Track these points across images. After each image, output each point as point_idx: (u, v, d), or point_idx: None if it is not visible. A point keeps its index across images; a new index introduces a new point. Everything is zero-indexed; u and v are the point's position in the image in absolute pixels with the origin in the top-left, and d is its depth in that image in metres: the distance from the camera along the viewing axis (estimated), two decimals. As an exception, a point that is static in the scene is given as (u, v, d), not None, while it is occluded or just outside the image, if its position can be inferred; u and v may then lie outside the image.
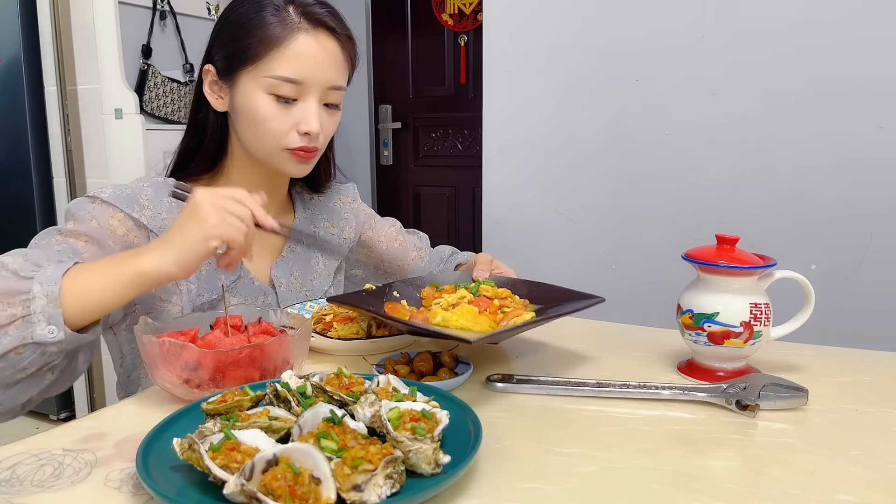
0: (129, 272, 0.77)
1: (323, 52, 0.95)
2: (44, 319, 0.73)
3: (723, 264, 0.81)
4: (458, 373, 0.80)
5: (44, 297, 0.73)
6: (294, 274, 1.08)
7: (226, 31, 0.98)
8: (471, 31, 3.26)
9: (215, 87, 0.99)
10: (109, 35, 2.25)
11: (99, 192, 0.92)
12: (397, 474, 0.53)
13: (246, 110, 0.95)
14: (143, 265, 0.77)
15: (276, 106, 0.94)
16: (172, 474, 0.56)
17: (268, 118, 0.94)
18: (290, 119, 0.95)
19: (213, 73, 0.98)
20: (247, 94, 0.94)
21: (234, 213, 0.79)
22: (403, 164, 3.58)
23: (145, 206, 0.93)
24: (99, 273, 0.78)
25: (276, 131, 0.95)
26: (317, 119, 0.95)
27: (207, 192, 0.79)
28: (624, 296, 1.63)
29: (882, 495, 0.57)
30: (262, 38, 0.93)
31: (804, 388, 0.74)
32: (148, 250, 0.79)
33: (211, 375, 0.73)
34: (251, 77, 0.94)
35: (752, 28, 1.44)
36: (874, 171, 1.36)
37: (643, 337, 1.01)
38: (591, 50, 1.61)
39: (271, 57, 0.93)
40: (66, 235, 0.88)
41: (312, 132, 0.95)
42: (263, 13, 0.94)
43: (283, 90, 0.93)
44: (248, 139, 0.98)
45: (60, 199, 2.40)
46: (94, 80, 2.31)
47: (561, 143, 1.67)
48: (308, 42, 0.93)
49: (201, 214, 0.77)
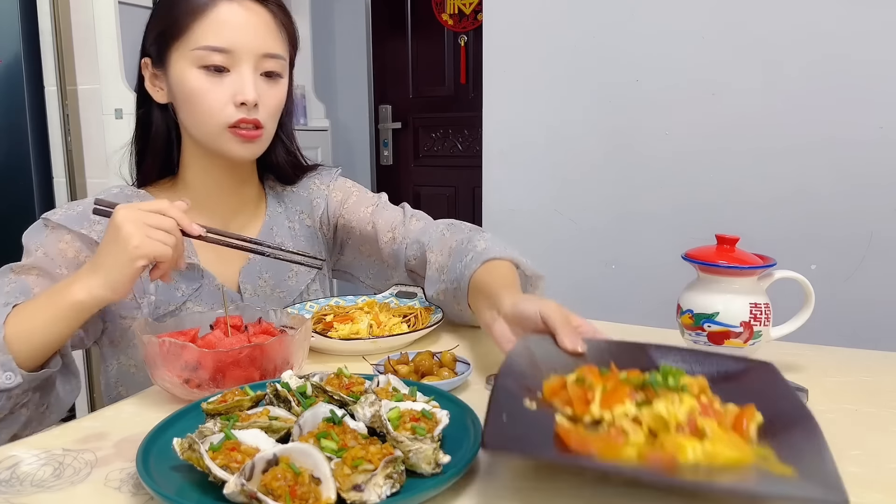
0: (65, 305, 0.78)
1: (250, 18, 0.92)
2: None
3: (723, 264, 0.81)
4: (459, 373, 0.80)
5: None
6: (263, 276, 1.04)
7: (154, 16, 0.97)
8: (471, 31, 3.26)
9: (155, 80, 0.97)
10: (109, 35, 2.25)
11: (50, 215, 0.93)
12: (397, 474, 0.53)
13: (180, 90, 0.93)
14: (76, 295, 0.78)
15: (207, 79, 0.91)
16: (172, 474, 0.56)
17: (201, 93, 0.91)
18: (225, 91, 0.91)
19: (149, 66, 0.97)
20: (178, 73, 0.92)
21: (156, 226, 0.78)
22: (403, 164, 3.58)
23: (96, 222, 0.92)
24: (38, 312, 0.79)
25: (211, 106, 0.91)
26: (252, 87, 0.91)
27: (127, 210, 0.78)
28: (624, 296, 1.63)
29: (882, 495, 0.56)
30: (186, 10, 0.91)
31: (804, 388, 0.75)
32: (78, 278, 0.79)
33: (211, 375, 0.73)
34: (180, 54, 0.92)
35: (752, 28, 1.44)
36: (874, 171, 1.36)
37: (643, 337, 1.01)
38: (592, 50, 1.61)
39: (195, 27, 0.90)
40: (18, 273, 0.89)
41: (248, 100, 0.91)
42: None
43: (213, 60, 0.90)
44: (190, 123, 0.95)
45: (60, 199, 2.40)
46: (94, 80, 2.31)
47: (561, 143, 1.67)
48: (232, 9, 0.91)
49: (122, 235, 0.76)
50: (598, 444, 0.54)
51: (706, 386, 0.61)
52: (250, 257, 1.03)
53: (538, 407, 0.61)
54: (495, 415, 0.55)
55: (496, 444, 0.51)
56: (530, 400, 0.61)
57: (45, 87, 2.36)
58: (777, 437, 0.56)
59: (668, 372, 0.61)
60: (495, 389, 0.59)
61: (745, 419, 0.57)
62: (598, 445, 0.54)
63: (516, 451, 0.52)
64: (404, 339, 0.93)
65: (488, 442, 0.51)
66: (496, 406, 0.56)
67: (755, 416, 0.58)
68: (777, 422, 0.58)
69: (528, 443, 0.54)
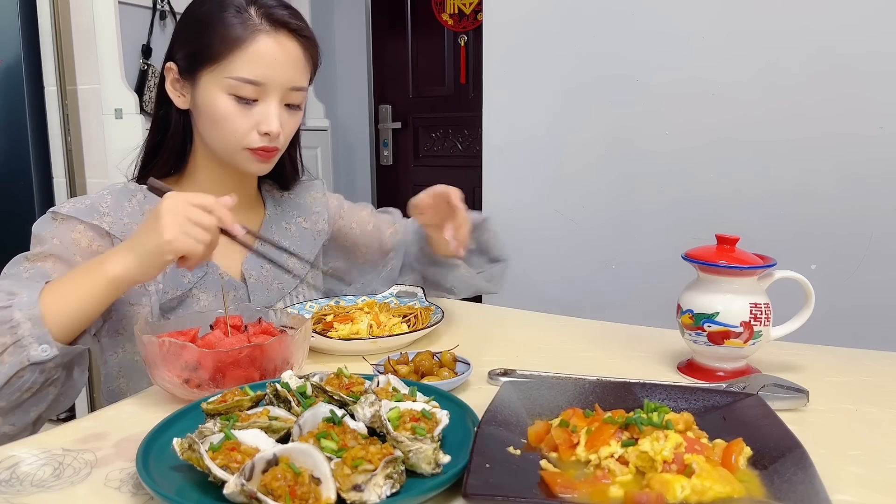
0: (102, 280, 0.79)
1: (284, 54, 0.95)
2: (34, 341, 0.76)
3: (723, 264, 0.81)
4: (459, 373, 0.80)
5: (27, 321, 0.77)
6: (265, 267, 1.07)
7: (187, 29, 0.98)
8: (471, 31, 3.26)
9: (177, 85, 0.99)
10: (109, 35, 2.25)
11: (58, 208, 0.94)
12: (397, 474, 0.53)
13: (207, 110, 0.95)
14: (114, 270, 0.79)
15: (236, 106, 0.94)
16: (172, 474, 0.56)
17: (228, 118, 0.94)
18: (251, 119, 0.95)
19: (174, 72, 0.98)
20: (208, 94, 0.95)
21: (196, 222, 0.79)
22: (403, 164, 3.58)
23: (105, 214, 0.94)
24: (72, 286, 0.80)
25: (236, 132, 0.95)
26: (277, 120, 0.95)
27: (173, 200, 0.79)
28: (624, 296, 1.63)
29: (882, 495, 0.57)
30: (224, 38, 0.93)
31: (804, 389, 0.74)
32: (113, 255, 0.80)
33: (211, 375, 0.73)
34: (212, 77, 0.94)
35: (752, 28, 1.44)
36: (874, 171, 1.36)
37: (643, 337, 1.01)
38: (592, 50, 1.61)
39: (232, 58, 0.93)
40: (33, 260, 0.89)
41: (272, 133, 0.95)
42: (225, 13, 0.94)
43: (244, 91, 0.93)
44: (210, 137, 0.99)
45: (60, 199, 2.40)
46: (94, 80, 2.30)
47: (561, 142, 1.67)
48: (269, 44, 0.94)
49: (161, 225, 0.77)
50: (585, 487, 0.54)
51: (692, 422, 0.62)
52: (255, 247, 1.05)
53: (522, 453, 0.60)
54: (478, 462, 0.55)
55: (478, 492, 0.51)
56: (514, 447, 0.61)
57: (45, 87, 2.36)
58: (767, 470, 0.56)
59: (652, 409, 0.62)
60: (478, 437, 0.59)
61: (733, 453, 0.57)
62: (584, 488, 0.54)
63: (499, 498, 0.51)
64: (404, 339, 0.93)
65: (470, 490, 0.51)
66: (479, 453, 0.56)
67: (744, 450, 0.58)
68: (767, 454, 0.58)
69: (511, 489, 0.53)
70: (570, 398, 0.69)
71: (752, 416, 0.64)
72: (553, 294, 1.72)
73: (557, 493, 0.53)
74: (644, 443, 0.56)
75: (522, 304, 1.22)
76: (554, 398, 0.69)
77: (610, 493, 0.54)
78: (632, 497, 0.52)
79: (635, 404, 0.67)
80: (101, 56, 2.27)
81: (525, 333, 1.05)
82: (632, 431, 0.59)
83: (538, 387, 0.71)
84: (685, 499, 0.52)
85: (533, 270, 1.72)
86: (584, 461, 0.58)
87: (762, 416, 0.64)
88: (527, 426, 0.64)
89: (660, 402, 0.66)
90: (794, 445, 0.57)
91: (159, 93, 1.03)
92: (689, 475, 0.53)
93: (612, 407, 0.66)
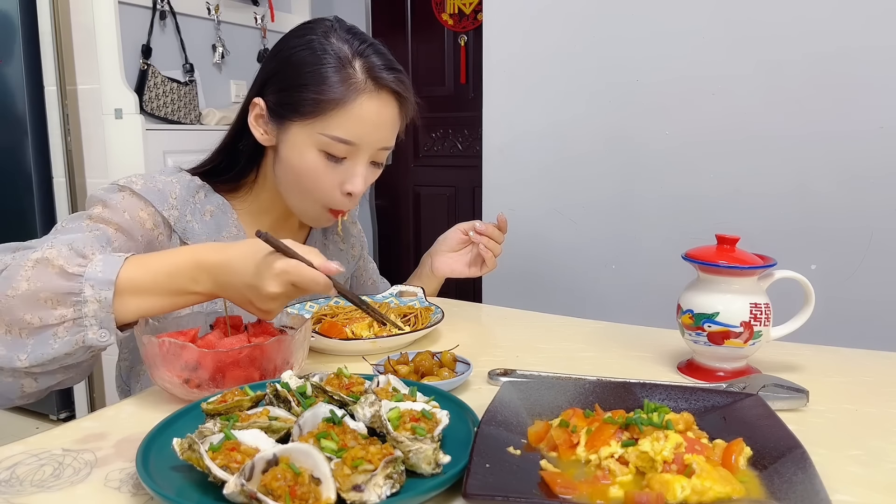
0: (185, 294, 0.76)
1: (384, 115, 0.92)
2: (96, 324, 0.73)
3: (723, 264, 0.81)
4: (458, 373, 0.80)
5: (96, 301, 0.72)
6: None
7: (283, 73, 0.93)
8: (471, 31, 3.26)
9: (261, 121, 0.95)
10: (109, 35, 2.25)
11: (129, 183, 0.91)
12: (397, 474, 0.53)
13: (293, 162, 0.92)
14: (200, 291, 0.76)
15: (325, 163, 0.91)
16: (172, 474, 0.56)
17: (315, 175, 0.92)
18: (336, 177, 0.92)
19: (261, 108, 0.94)
20: (296, 146, 0.91)
21: (304, 291, 0.74)
22: (403, 164, 3.58)
23: (174, 206, 0.93)
24: (152, 284, 0.75)
25: (321, 189, 0.93)
26: (363, 180, 0.93)
27: (286, 276, 0.72)
28: (624, 296, 1.63)
29: (882, 495, 0.57)
30: (324, 94, 0.89)
31: (804, 389, 0.74)
32: (205, 282, 0.76)
33: (211, 375, 0.73)
34: (304, 129, 0.91)
35: (752, 28, 1.44)
36: (874, 171, 1.36)
37: (643, 337, 1.01)
38: (592, 50, 1.61)
39: (330, 116, 0.89)
40: (97, 221, 0.86)
41: (356, 193, 0.93)
42: (325, 68, 0.89)
43: (335, 150, 0.90)
44: (288, 187, 0.96)
45: (60, 199, 2.40)
46: (94, 80, 2.31)
47: (561, 142, 1.67)
48: (370, 106, 0.90)
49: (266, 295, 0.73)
50: (585, 487, 0.54)
51: (692, 422, 0.62)
52: None
53: (522, 453, 0.60)
54: (478, 462, 0.55)
55: (478, 492, 0.51)
56: (514, 447, 0.60)
57: (45, 87, 2.36)
58: (767, 470, 0.56)
59: (652, 409, 0.62)
60: (478, 437, 0.59)
61: (733, 453, 0.57)
62: (584, 488, 0.54)
63: (499, 498, 0.51)
64: (404, 339, 0.93)
65: (470, 490, 0.51)
66: (479, 454, 0.56)
67: (744, 450, 0.58)
68: (767, 454, 0.58)
69: (511, 489, 0.53)
70: (570, 398, 0.69)
71: (752, 416, 0.64)
72: (553, 294, 1.72)
73: (557, 494, 0.53)
74: (644, 443, 0.56)
75: (522, 304, 1.22)
76: (554, 398, 0.69)
77: (610, 494, 0.54)
78: (632, 497, 0.52)
79: (635, 404, 0.67)
80: (101, 56, 2.27)
81: (525, 333, 1.05)
82: (632, 431, 0.59)
83: (538, 387, 0.71)
84: (685, 499, 0.51)
85: (533, 270, 1.72)
86: (584, 461, 0.58)
87: (762, 416, 0.64)
88: (527, 426, 0.64)
89: (660, 402, 0.66)
90: (794, 445, 0.57)
91: (239, 123, 0.99)
92: (689, 475, 0.53)
93: (612, 407, 0.66)
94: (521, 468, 0.57)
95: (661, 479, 0.53)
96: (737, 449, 0.58)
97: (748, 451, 0.58)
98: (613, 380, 0.75)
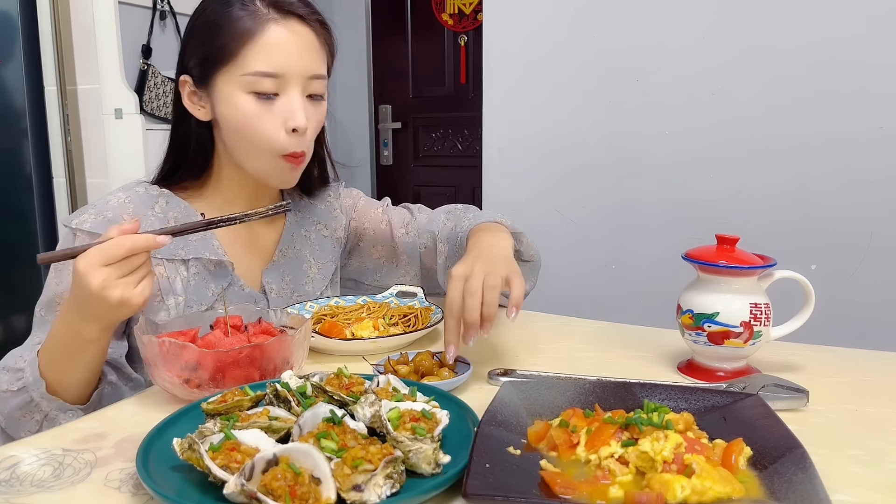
0: (82, 348, 0.80)
1: (297, 41, 0.92)
2: (59, 412, 0.82)
3: (723, 264, 0.81)
4: (458, 373, 0.80)
5: (43, 400, 0.81)
6: (285, 279, 1.06)
7: (195, 36, 0.95)
8: (471, 31, 3.26)
9: (194, 98, 0.95)
10: (109, 35, 2.25)
11: (80, 223, 0.90)
12: (397, 474, 0.53)
13: (229, 116, 0.92)
14: (89, 335, 0.78)
15: (257, 104, 0.91)
16: (172, 474, 0.56)
17: (252, 119, 0.91)
18: (275, 117, 0.91)
19: (189, 83, 0.95)
20: (226, 98, 0.91)
21: (133, 270, 0.75)
22: (403, 164, 3.58)
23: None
24: (62, 361, 0.81)
25: (264, 133, 0.91)
26: (303, 112, 0.92)
27: (94, 272, 0.73)
28: (624, 296, 1.63)
29: (882, 495, 0.57)
30: (233, 34, 0.90)
31: (804, 389, 0.74)
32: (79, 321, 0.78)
33: (211, 375, 0.73)
34: (228, 78, 0.91)
35: (752, 28, 1.44)
36: (874, 171, 1.36)
37: (643, 337, 1.01)
38: (591, 50, 1.61)
39: (245, 53, 0.90)
40: (61, 304, 0.88)
41: (300, 126, 0.91)
42: (230, 9, 0.91)
43: (263, 86, 0.90)
44: (237, 149, 0.95)
45: (60, 199, 2.40)
46: (94, 80, 2.31)
47: (561, 143, 1.67)
48: (280, 32, 0.91)
49: (98, 290, 0.73)
50: (585, 487, 0.54)
51: (692, 422, 0.62)
52: (273, 259, 1.05)
53: (522, 453, 0.60)
54: (478, 462, 0.55)
55: (478, 492, 0.51)
56: (514, 447, 0.60)
57: (45, 87, 2.36)
58: (767, 470, 0.56)
59: (652, 409, 0.62)
60: (478, 437, 0.59)
61: (733, 453, 0.57)
62: (584, 488, 0.54)
63: (499, 498, 0.51)
64: (404, 339, 0.93)
65: (470, 490, 0.51)
66: (479, 453, 0.56)
67: (744, 450, 0.58)
68: (767, 454, 0.58)
69: (511, 489, 0.53)
70: (570, 398, 0.69)
71: (752, 416, 0.64)
72: (553, 294, 1.72)
73: (557, 493, 0.53)
74: (644, 443, 0.56)
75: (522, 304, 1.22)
76: (554, 398, 0.69)
77: (610, 494, 0.54)
78: (632, 497, 0.52)
79: (635, 404, 0.67)
80: (101, 56, 2.28)
81: (525, 333, 1.05)
82: (632, 431, 0.59)
83: (538, 387, 0.71)
84: (685, 499, 0.52)
85: (533, 270, 1.72)
86: (584, 461, 0.58)
87: (762, 416, 0.64)
88: (527, 426, 0.64)
89: (660, 402, 0.66)
90: (794, 445, 0.57)
91: (176, 109, 0.99)
92: (689, 475, 0.53)
93: (612, 407, 0.66)
94: (521, 468, 0.58)
95: (661, 479, 0.53)
96: (737, 449, 0.58)
97: (748, 451, 0.58)
98: (613, 380, 0.75)
